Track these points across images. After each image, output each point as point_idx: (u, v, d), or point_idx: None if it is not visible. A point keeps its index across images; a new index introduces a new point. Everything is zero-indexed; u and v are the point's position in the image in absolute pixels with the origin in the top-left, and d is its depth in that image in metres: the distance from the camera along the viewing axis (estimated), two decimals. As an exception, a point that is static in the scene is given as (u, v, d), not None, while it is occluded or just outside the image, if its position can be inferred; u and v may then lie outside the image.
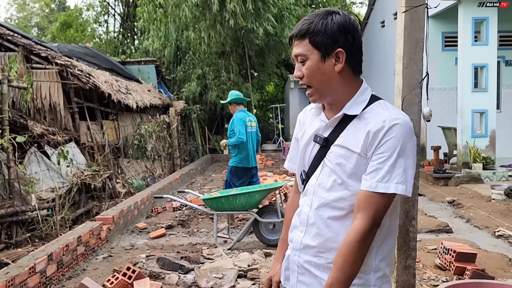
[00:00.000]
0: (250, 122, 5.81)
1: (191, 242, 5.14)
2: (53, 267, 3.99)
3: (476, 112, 8.46)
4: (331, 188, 1.43)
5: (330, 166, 1.43)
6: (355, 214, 1.37)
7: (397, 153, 1.33)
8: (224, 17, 12.00)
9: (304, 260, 1.48)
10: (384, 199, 1.35)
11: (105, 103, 8.39)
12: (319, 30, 1.38)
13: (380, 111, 1.40)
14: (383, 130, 1.34)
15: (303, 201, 1.53)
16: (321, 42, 1.38)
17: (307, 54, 1.40)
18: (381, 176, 1.33)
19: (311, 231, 1.47)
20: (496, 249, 4.62)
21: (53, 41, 18.04)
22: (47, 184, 6.02)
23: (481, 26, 8.39)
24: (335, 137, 1.44)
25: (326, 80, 1.41)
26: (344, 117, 1.44)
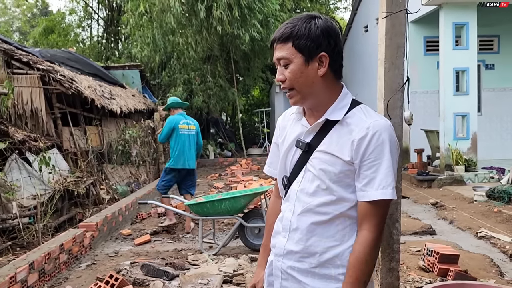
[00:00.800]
0: (187, 125, 6.10)
1: (176, 248, 5.10)
2: (35, 276, 3.91)
3: (458, 115, 8.61)
4: (314, 193, 1.43)
5: (314, 172, 1.44)
6: (361, 225, 1.39)
7: (386, 159, 1.36)
8: (211, 24, 12.04)
9: (288, 265, 1.48)
10: (385, 205, 1.39)
11: (89, 109, 8.29)
12: (303, 33, 1.38)
13: (362, 117, 1.42)
14: (367, 137, 1.36)
15: (285, 206, 1.53)
16: (304, 46, 1.39)
17: (290, 58, 1.40)
18: (378, 184, 1.36)
19: (294, 236, 1.47)
20: (478, 250, 4.69)
21: (35, 46, 17.79)
22: (28, 191, 5.90)
23: (462, 31, 8.55)
24: (318, 142, 1.45)
25: (309, 84, 1.41)
26: (326, 122, 1.45)
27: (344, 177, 1.40)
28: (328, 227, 1.42)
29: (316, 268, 1.43)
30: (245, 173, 11.67)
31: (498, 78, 10.79)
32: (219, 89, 14.21)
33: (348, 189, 1.41)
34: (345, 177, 1.40)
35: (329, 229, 1.42)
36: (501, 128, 10.89)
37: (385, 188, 1.35)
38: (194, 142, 6.12)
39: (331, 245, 1.42)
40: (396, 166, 1.40)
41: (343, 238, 1.42)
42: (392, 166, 1.37)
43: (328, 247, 1.42)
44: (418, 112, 10.37)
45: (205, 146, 15.40)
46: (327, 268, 1.42)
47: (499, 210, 6.04)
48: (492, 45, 10.82)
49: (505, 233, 5.12)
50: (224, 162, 14.26)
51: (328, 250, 1.42)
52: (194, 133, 6.14)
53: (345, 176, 1.40)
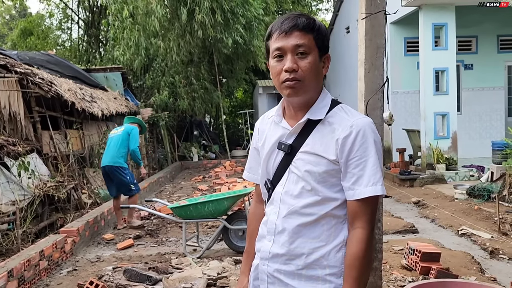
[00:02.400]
0: (116, 130, 6.53)
1: (159, 252, 5.04)
2: (14, 284, 3.82)
3: (438, 115, 8.74)
4: (299, 195, 1.43)
5: (298, 173, 1.43)
6: (352, 222, 1.39)
7: (372, 156, 1.37)
8: (193, 28, 11.99)
9: (274, 269, 1.47)
10: (375, 201, 1.39)
11: (69, 112, 8.15)
12: (324, 31, 1.43)
13: (344, 116, 1.42)
14: (351, 135, 1.37)
15: (270, 210, 1.52)
16: (322, 43, 1.42)
17: (311, 48, 1.40)
18: (367, 181, 1.36)
19: (280, 239, 1.46)
20: (460, 247, 4.76)
21: (13, 48, 17.42)
22: (7, 197, 5.77)
23: (441, 32, 8.70)
24: (301, 143, 1.44)
25: (317, 79, 1.43)
26: (308, 122, 1.45)
27: (329, 177, 1.40)
28: (313, 228, 1.42)
29: (303, 270, 1.42)
30: (229, 175, 11.64)
31: (476, 78, 11.00)
32: (204, 92, 14.15)
33: (333, 189, 1.41)
34: (329, 177, 1.40)
35: (314, 230, 1.42)
36: (480, 127, 11.10)
37: (374, 184, 1.35)
38: (116, 141, 6.25)
39: (317, 245, 1.42)
40: (381, 163, 1.41)
41: (328, 238, 1.42)
42: (378, 163, 1.38)
43: (314, 248, 1.42)
44: (399, 112, 10.51)
45: (189, 148, 15.32)
46: (314, 270, 1.42)
47: (479, 207, 6.15)
48: (470, 45, 11.03)
49: (485, 230, 5.21)
50: (208, 164, 14.20)
51: (315, 251, 1.41)
52: (119, 134, 6.31)
53: (329, 176, 1.40)
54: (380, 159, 1.40)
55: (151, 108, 13.02)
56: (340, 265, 1.41)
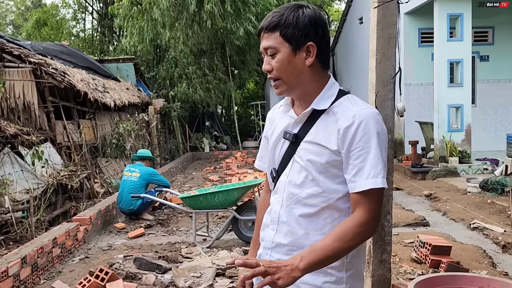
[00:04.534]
0: (129, 172, 6.36)
1: (170, 241, 5.09)
2: (27, 270, 3.89)
3: (452, 107, 8.62)
4: (302, 184, 1.42)
5: (301, 163, 1.42)
6: (354, 210, 1.36)
7: (374, 148, 1.34)
8: (202, 18, 11.90)
9: (276, 258, 1.46)
10: (378, 194, 1.35)
11: (82, 102, 8.24)
12: (291, 22, 1.36)
13: (348, 106, 1.40)
14: (353, 126, 1.34)
15: (274, 199, 1.52)
16: (292, 35, 1.36)
17: (277, 47, 1.38)
18: (367, 173, 1.33)
19: (282, 229, 1.46)
20: (471, 241, 4.71)
21: (28, 39, 17.59)
22: (21, 185, 5.87)
23: (456, 22, 8.53)
24: (305, 133, 1.43)
25: (296, 73, 1.39)
26: (313, 112, 1.43)
27: (331, 168, 1.38)
28: (316, 220, 1.41)
29: None
30: (240, 165, 11.67)
31: (492, 69, 10.79)
32: (218, 83, 14.13)
33: (335, 180, 1.39)
34: (331, 168, 1.38)
35: (317, 222, 1.41)
36: (495, 119, 10.92)
37: (375, 177, 1.32)
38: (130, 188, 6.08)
39: (319, 238, 1.40)
40: (385, 155, 1.37)
41: None
42: (380, 155, 1.34)
43: (316, 240, 1.40)
44: (412, 104, 10.39)
45: (201, 139, 15.38)
46: None
47: (492, 201, 6.07)
48: (486, 36, 10.81)
49: (498, 224, 5.15)
50: (219, 155, 14.24)
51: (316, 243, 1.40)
52: (134, 181, 6.19)
53: (331, 166, 1.38)
54: (383, 151, 1.36)
55: (163, 99, 13.08)
56: (342, 258, 1.39)
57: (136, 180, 6.14)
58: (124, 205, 6.06)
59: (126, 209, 6.09)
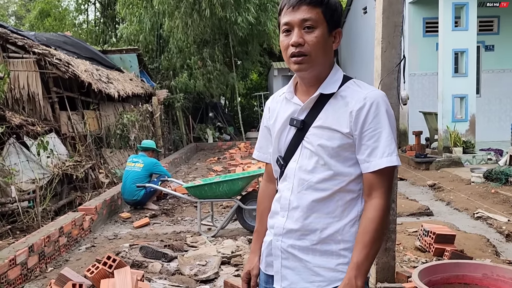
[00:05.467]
0: (132, 163, 6.38)
1: (175, 231, 5.13)
2: (35, 259, 3.95)
3: (456, 97, 8.58)
4: (313, 169, 1.43)
5: (311, 148, 1.43)
6: (370, 194, 1.40)
7: (386, 127, 1.38)
8: (201, 6, 11.83)
9: (288, 244, 1.48)
10: (391, 172, 1.40)
11: (86, 93, 8.25)
12: (333, 5, 1.40)
13: (357, 89, 1.42)
14: (365, 107, 1.37)
15: (283, 186, 1.52)
16: (331, 17, 1.40)
17: (318, 22, 1.38)
18: (382, 152, 1.37)
19: (294, 215, 1.47)
20: (475, 230, 4.73)
21: (31, 30, 17.55)
22: (27, 175, 5.91)
23: (461, 12, 8.46)
24: (313, 118, 1.44)
25: (325, 54, 1.42)
26: (320, 97, 1.45)
27: (342, 151, 1.40)
28: (328, 203, 1.43)
29: (317, 245, 1.43)
30: (244, 156, 11.69)
31: (497, 59, 10.72)
32: (219, 73, 14.09)
33: (346, 163, 1.42)
34: (343, 151, 1.41)
35: (329, 205, 1.43)
36: (499, 110, 10.87)
37: (389, 155, 1.36)
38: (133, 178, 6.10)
39: (331, 221, 1.43)
40: (395, 135, 1.41)
41: (342, 214, 1.43)
42: (392, 134, 1.38)
43: (328, 223, 1.43)
44: (416, 94, 10.35)
45: (204, 130, 15.39)
46: (328, 244, 1.43)
47: (496, 191, 6.07)
48: (492, 26, 10.73)
49: (501, 213, 5.16)
50: (223, 146, 14.27)
51: (329, 226, 1.42)
52: (137, 171, 6.20)
53: (343, 150, 1.40)
54: (394, 131, 1.40)
55: (166, 90, 13.06)
56: (354, 239, 1.42)
57: (140, 170, 6.18)
58: (128, 196, 6.10)
59: (130, 199, 6.13)
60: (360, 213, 1.43)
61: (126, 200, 6.23)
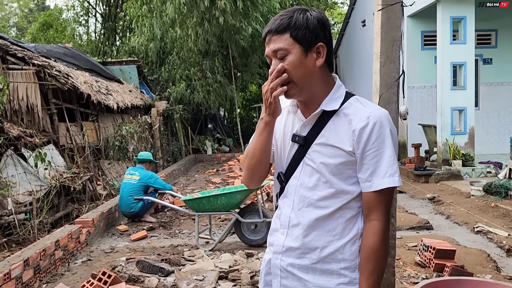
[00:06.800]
0: (129, 175, 6.32)
1: (172, 244, 5.08)
2: (30, 273, 3.89)
3: (455, 110, 8.59)
4: (314, 187, 1.41)
5: (313, 165, 1.42)
6: (368, 214, 1.38)
7: (388, 147, 1.36)
8: (214, 15, 11.96)
9: (287, 263, 1.45)
10: (391, 192, 1.39)
11: (85, 104, 8.25)
12: (301, 24, 1.36)
13: (360, 107, 1.40)
14: (368, 126, 1.35)
15: (283, 202, 1.50)
16: (303, 36, 1.36)
17: (288, 49, 1.37)
18: (384, 172, 1.35)
19: (294, 232, 1.44)
20: (475, 245, 4.68)
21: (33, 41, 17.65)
22: (24, 187, 5.88)
23: (459, 25, 8.52)
24: (315, 135, 1.42)
25: (308, 75, 1.39)
26: (322, 114, 1.43)
27: (344, 169, 1.39)
28: (329, 221, 1.41)
29: (317, 263, 1.41)
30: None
31: (495, 72, 10.76)
32: (218, 85, 14.15)
33: (348, 181, 1.40)
34: (345, 169, 1.39)
35: (330, 223, 1.41)
36: (498, 122, 10.88)
37: (391, 176, 1.35)
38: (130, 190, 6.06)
39: (332, 239, 1.41)
40: (397, 154, 1.40)
41: (343, 232, 1.41)
42: (395, 154, 1.37)
43: (329, 241, 1.41)
44: (415, 107, 10.36)
45: (203, 142, 15.38)
46: (328, 263, 1.41)
47: (496, 204, 6.04)
48: (490, 39, 10.79)
49: (502, 227, 5.12)
50: (222, 158, 14.24)
51: (329, 244, 1.40)
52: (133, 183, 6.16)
53: (345, 167, 1.39)
54: (396, 151, 1.39)
55: (166, 101, 13.08)
56: (355, 258, 1.40)
57: (135, 183, 6.14)
58: (125, 208, 6.06)
59: (127, 211, 6.09)
60: (361, 231, 1.41)
61: (123, 213, 6.18)
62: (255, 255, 4.34)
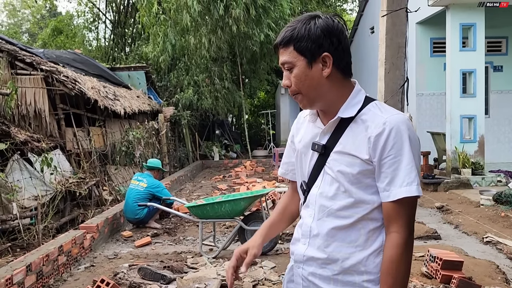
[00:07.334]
0: (137, 181, 6.29)
1: (176, 251, 5.04)
2: (32, 278, 3.87)
3: (465, 118, 8.48)
4: (334, 196, 1.38)
5: (332, 174, 1.39)
6: (388, 227, 1.33)
7: (407, 154, 1.30)
8: (227, 23, 12.08)
9: (309, 272, 1.43)
10: (412, 203, 1.33)
11: (92, 110, 8.29)
12: (303, 35, 1.35)
13: (377, 113, 1.36)
14: (384, 133, 1.30)
15: (305, 212, 1.48)
16: (305, 48, 1.35)
17: (293, 61, 1.37)
18: (401, 181, 1.30)
19: (315, 242, 1.42)
20: (484, 255, 4.58)
21: (43, 47, 17.87)
22: (29, 192, 5.89)
23: (469, 32, 8.43)
24: (334, 143, 1.40)
25: (315, 86, 1.37)
26: (341, 121, 1.40)
27: (363, 178, 1.35)
28: (350, 232, 1.38)
29: (339, 275, 1.38)
30: (249, 174, 11.61)
31: (506, 80, 10.62)
32: (227, 92, 14.21)
33: (368, 191, 1.36)
34: (364, 178, 1.35)
35: (351, 234, 1.38)
36: (509, 130, 10.72)
37: (409, 185, 1.29)
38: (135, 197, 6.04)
39: (354, 250, 1.37)
40: (418, 161, 1.34)
41: (366, 243, 1.37)
42: (413, 162, 1.31)
43: (350, 253, 1.37)
44: (424, 114, 10.26)
45: (210, 148, 15.38)
46: (350, 275, 1.37)
47: (506, 214, 5.92)
48: (500, 46, 10.67)
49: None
50: (229, 164, 14.21)
51: (351, 256, 1.37)
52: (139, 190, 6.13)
53: (364, 176, 1.35)
54: (416, 157, 1.33)
55: (173, 107, 13.12)
56: (379, 271, 1.36)
57: (142, 190, 6.12)
58: (130, 214, 6.04)
59: (132, 217, 6.07)
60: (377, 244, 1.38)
61: (128, 219, 6.17)
62: (258, 263, 4.29)
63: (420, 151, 1.38)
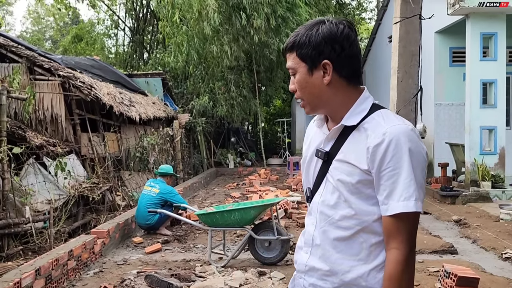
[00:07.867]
0: (149, 187, 6.30)
1: (185, 259, 5.00)
2: (41, 283, 3.87)
3: (485, 129, 8.26)
4: (335, 205, 1.34)
5: (333, 183, 1.35)
6: (388, 243, 1.28)
7: (406, 167, 1.23)
8: (248, 32, 12.21)
9: (310, 283, 1.40)
10: (411, 218, 1.26)
11: (108, 115, 8.37)
12: (304, 42, 1.33)
13: (380, 122, 1.30)
14: (383, 144, 1.24)
15: (308, 220, 1.45)
16: (306, 55, 1.33)
17: (295, 67, 1.36)
18: (399, 196, 1.24)
19: (317, 252, 1.38)
20: (502, 272, 4.41)
21: (64, 53, 18.24)
22: (43, 196, 5.95)
23: (490, 42, 8.24)
24: (336, 151, 1.36)
25: (316, 93, 1.34)
26: (345, 128, 1.36)
27: (363, 188, 1.30)
28: (351, 244, 1.33)
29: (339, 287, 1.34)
30: (263, 183, 11.53)
31: (528, 91, 10.34)
32: (242, 100, 14.26)
33: (368, 201, 1.30)
34: (363, 188, 1.30)
35: (352, 246, 1.33)
36: (531, 143, 10.40)
37: (406, 199, 1.23)
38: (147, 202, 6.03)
39: (356, 264, 1.32)
40: (421, 175, 1.26)
41: (368, 257, 1.32)
42: (413, 175, 1.24)
43: (352, 266, 1.32)
44: (442, 125, 10.06)
45: (225, 155, 15.37)
46: None
47: (526, 230, 5.71)
48: (522, 56, 10.39)
49: (532, 255, 4.81)
50: (243, 172, 14.16)
51: (352, 269, 1.32)
52: (152, 196, 6.12)
53: (363, 186, 1.30)
54: (418, 171, 1.25)
55: (188, 114, 13.18)
56: (381, 287, 1.30)
57: (155, 195, 6.11)
58: (141, 220, 6.04)
59: (143, 223, 6.06)
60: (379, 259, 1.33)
61: (139, 224, 6.16)
62: (267, 273, 4.21)
63: (425, 165, 1.29)
